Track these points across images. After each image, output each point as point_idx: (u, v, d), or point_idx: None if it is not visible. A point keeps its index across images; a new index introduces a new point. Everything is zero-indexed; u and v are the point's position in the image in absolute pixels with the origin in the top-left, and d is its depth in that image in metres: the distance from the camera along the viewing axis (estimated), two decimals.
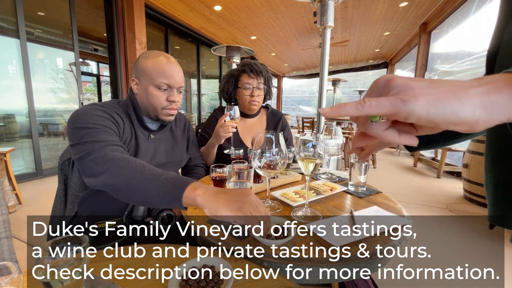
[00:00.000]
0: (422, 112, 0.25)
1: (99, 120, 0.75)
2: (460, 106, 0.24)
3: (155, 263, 0.50)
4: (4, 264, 0.34)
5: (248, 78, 1.25)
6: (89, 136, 0.70)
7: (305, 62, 10.29)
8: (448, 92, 0.25)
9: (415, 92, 0.25)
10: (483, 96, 0.24)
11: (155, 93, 0.86)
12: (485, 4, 3.56)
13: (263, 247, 0.53)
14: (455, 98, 0.24)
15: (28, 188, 2.96)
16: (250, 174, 0.65)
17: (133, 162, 0.65)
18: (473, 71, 3.72)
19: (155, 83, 0.86)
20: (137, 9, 4.12)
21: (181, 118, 1.12)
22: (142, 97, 0.89)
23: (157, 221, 0.77)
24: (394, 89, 0.26)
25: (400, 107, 0.25)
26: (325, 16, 1.57)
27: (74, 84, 3.83)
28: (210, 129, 1.30)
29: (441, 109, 0.24)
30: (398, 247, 0.55)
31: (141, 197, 0.62)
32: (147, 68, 0.86)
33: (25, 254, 1.65)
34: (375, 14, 5.19)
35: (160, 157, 0.95)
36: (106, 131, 0.73)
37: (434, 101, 0.24)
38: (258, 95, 1.27)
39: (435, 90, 0.25)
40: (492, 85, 0.24)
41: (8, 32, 3.09)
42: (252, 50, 2.44)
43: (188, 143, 1.11)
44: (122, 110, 0.88)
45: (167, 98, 0.88)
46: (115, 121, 0.79)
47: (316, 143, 0.65)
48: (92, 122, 0.73)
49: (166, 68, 0.86)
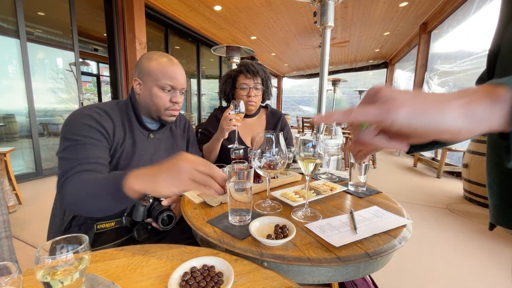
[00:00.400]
0: (403, 121, 0.26)
1: (86, 131, 0.76)
2: (441, 116, 0.25)
3: (155, 263, 0.50)
4: (4, 264, 0.34)
5: (245, 79, 1.26)
6: (69, 152, 0.73)
7: (305, 62, 10.29)
8: (430, 103, 0.26)
9: (399, 103, 0.27)
10: (464, 107, 0.25)
11: (159, 94, 0.87)
12: (485, 4, 3.56)
13: (263, 247, 0.53)
14: (436, 109, 0.25)
15: (28, 188, 2.96)
16: (250, 174, 0.65)
17: (90, 180, 0.68)
18: (473, 71, 3.72)
19: (159, 84, 0.87)
20: (137, 9, 4.12)
21: (181, 118, 1.13)
22: (145, 98, 0.89)
23: (157, 222, 0.77)
24: (381, 99, 0.28)
25: (384, 116, 0.27)
26: (325, 16, 1.57)
27: (74, 84, 3.83)
28: (211, 127, 1.32)
29: (422, 119, 0.26)
30: (398, 247, 0.55)
31: (96, 206, 0.64)
32: (151, 69, 0.87)
33: (25, 254, 1.65)
34: (375, 14, 5.19)
35: (161, 157, 0.95)
36: (86, 145, 0.75)
37: (416, 111, 0.26)
38: (255, 95, 1.28)
39: (419, 101, 0.27)
40: (473, 96, 0.25)
41: (8, 32, 3.10)
42: (252, 50, 2.44)
43: (188, 143, 1.12)
44: (119, 112, 0.88)
45: (171, 99, 0.89)
46: (102, 128, 0.80)
47: (316, 143, 0.65)
48: (77, 134, 0.75)
49: (170, 70, 0.87)
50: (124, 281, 0.45)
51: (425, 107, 0.26)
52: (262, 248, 0.53)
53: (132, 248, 0.56)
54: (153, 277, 0.46)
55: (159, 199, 0.83)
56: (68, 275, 0.36)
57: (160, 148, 0.96)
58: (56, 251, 0.39)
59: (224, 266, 0.47)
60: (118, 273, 0.48)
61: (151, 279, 0.46)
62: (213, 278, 0.44)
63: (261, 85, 1.29)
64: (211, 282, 0.44)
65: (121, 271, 0.48)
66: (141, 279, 0.46)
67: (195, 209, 0.72)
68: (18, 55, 3.14)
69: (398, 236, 0.58)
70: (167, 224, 0.78)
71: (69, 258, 0.37)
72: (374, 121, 0.28)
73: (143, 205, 0.79)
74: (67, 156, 0.73)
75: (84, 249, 0.38)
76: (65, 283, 0.36)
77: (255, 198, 0.82)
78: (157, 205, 0.80)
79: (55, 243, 0.39)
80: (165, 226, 0.77)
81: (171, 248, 0.55)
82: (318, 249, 0.53)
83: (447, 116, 0.25)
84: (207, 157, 1.23)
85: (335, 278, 0.53)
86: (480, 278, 1.48)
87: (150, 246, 0.56)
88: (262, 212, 0.71)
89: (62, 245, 0.40)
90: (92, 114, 0.80)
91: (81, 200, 0.66)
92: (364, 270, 0.55)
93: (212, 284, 0.43)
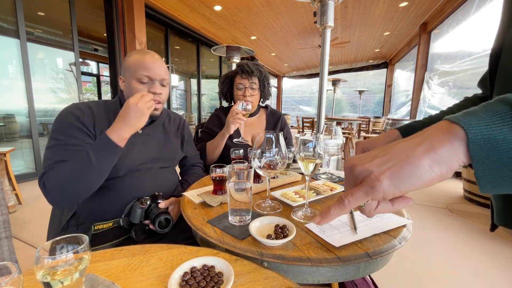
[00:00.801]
0: (391, 189, 0.27)
1: (68, 131, 0.81)
2: (418, 171, 0.26)
3: (155, 263, 0.50)
4: (4, 264, 0.34)
5: (241, 79, 1.29)
6: (51, 152, 0.79)
7: (305, 62, 10.29)
8: (401, 161, 0.26)
9: (376, 175, 0.27)
10: (430, 153, 0.25)
11: (137, 86, 0.89)
12: (485, 4, 3.57)
13: (263, 247, 0.53)
14: (409, 166, 0.26)
15: (28, 188, 2.96)
16: (250, 174, 0.64)
17: (65, 164, 0.75)
18: (473, 71, 3.72)
19: (136, 77, 0.89)
20: (137, 9, 4.12)
21: (175, 117, 1.14)
22: (127, 93, 0.92)
23: (154, 225, 0.77)
24: (360, 176, 0.29)
25: (372, 194, 0.27)
26: (325, 16, 1.57)
27: (74, 84, 3.83)
28: (213, 125, 1.34)
29: (404, 180, 0.26)
30: (398, 247, 0.55)
31: (81, 182, 0.74)
32: (129, 64, 0.90)
33: (25, 254, 1.65)
34: (375, 14, 5.19)
35: (151, 152, 0.96)
36: (68, 146, 0.79)
37: (395, 175, 0.26)
38: (251, 95, 1.29)
39: (390, 163, 0.27)
40: (434, 138, 0.26)
41: (8, 32, 3.10)
42: (252, 50, 2.44)
43: (183, 141, 1.12)
44: (105, 109, 0.91)
45: (149, 90, 0.90)
46: (82, 125, 0.83)
47: (316, 143, 0.65)
48: (61, 133, 0.80)
49: (146, 61, 0.89)
50: (124, 281, 0.45)
51: (398, 167, 0.26)
52: (262, 248, 0.53)
53: (132, 248, 0.55)
54: (153, 277, 0.46)
55: (156, 201, 0.83)
56: (68, 275, 0.36)
57: (150, 142, 0.97)
58: (56, 251, 0.39)
59: (224, 266, 0.47)
60: (118, 273, 0.48)
61: (151, 279, 0.46)
62: (213, 278, 0.44)
63: (257, 85, 1.31)
64: (211, 282, 0.44)
65: (121, 271, 0.48)
66: (141, 279, 0.46)
67: (195, 209, 0.72)
68: (18, 55, 3.14)
69: (398, 236, 0.58)
70: (164, 227, 0.78)
71: (69, 258, 0.37)
72: (367, 200, 0.29)
73: (140, 207, 0.79)
74: (49, 156, 0.78)
75: (84, 249, 0.38)
76: (65, 283, 0.36)
77: (255, 198, 0.82)
78: (154, 208, 0.81)
79: (55, 243, 0.39)
80: (162, 229, 0.78)
81: (171, 248, 0.55)
82: (318, 249, 0.53)
83: (422, 169, 0.25)
84: (211, 152, 1.24)
85: (335, 278, 0.53)
86: (480, 278, 1.48)
87: (150, 246, 0.56)
88: (262, 212, 0.71)
89: (62, 245, 0.40)
90: (74, 111, 0.84)
91: (64, 183, 0.72)
92: (364, 270, 0.55)
93: (212, 284, 0.43)
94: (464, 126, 0.24)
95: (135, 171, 0.90)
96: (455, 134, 0.25)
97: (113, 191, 0.86)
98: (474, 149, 0.24)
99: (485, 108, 0.25)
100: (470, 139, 0.24)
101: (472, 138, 0.24)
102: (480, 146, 0.23)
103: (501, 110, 0.23)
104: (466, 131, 0.24)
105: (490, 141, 0.23)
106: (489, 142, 0.23)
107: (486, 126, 0.23)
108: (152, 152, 0.96)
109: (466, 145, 0.24)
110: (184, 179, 1.08)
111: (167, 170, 1.01)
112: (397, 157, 0.27)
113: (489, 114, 0.24)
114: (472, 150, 0.24)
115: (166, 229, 0.78)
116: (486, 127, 0.23)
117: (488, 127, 0.23)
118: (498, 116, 0.23)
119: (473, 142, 0.24)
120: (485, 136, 0.23)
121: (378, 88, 11.28)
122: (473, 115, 0.25)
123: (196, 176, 1.11)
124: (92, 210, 0.87)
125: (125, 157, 0.87)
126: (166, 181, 0.98)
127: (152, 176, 0.93)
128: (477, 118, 0.24)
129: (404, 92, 8.05)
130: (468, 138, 0.24)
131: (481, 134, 0.23)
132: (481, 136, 0.23)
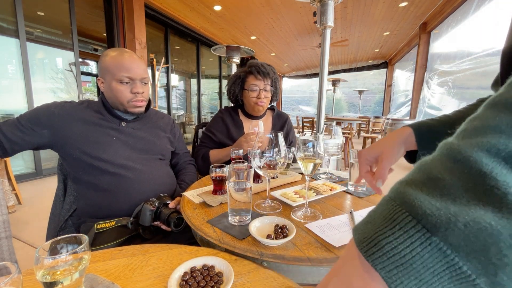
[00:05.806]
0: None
1: (29, 118, 0.92)
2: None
3: (155, 263, 0.50)
4: (4, 264, 0.34)
5: (255, 80, 1.23)
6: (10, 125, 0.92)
7: (305, 62, 10.29)
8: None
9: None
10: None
11: (119, 88, 0.90)
12: (485, 4, 3.57)
13: (263, 247, 0.53)
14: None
15: (28, 188, 2.95)
16: (250, 174, 0.65)
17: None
18: (473, 71, 3.72)
19: (116, 78, 0.90)
20: (137, 9, 4.12)
21: (164, 116, 1.15)
22: (109, 94, 0.93)
23: (170, 225, 0.78)
24: None
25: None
26: (325, 16, 1.57)
27: (74, 84, 3.83)
28: (216, 129, 1.29)
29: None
30: None
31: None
32: (107, 65, 0.90)
33: (25, 254, 1.64)
34: (375, 14, 5.19)
35: (138, 143, 0.97)
36: (18, 126, 0.91)
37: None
38: (265, 97, 1.25)
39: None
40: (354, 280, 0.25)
41: (8, 32, 3.09)
42: (252, 50, 2.44)
43: (174, 138, 1.12)
44: (85, 108, 0.94)
45: (131, 90, 0.92)
46: (35, 126, 0.90)
47: (316, 143, 0.65)
48: (24, 118, 0.93)
49: (125, 62, 0.90)
50: (124, 281, 0.45)
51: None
52: (262, 248, 0.53)
53: (132, 248, 0.56)
54: (153, 277, 0.46)
55: (165, 202, 0.83)
56: (67, 275, 0.36)
57: (136, 135, 0.98)
58: (56, 251, 0.39)
59: (224, 266, 0.47)
60: (118, 273, 0.48)
61: (151, 279, 0.46)
62: (213, 278, 0.44)
63: (270, 87, 1.27)
64: (211, 282, 0.44)
65: (121, 271, 0.48)
66: (141, 279, 0.46)
67: (195, 209, 0.72)
68: (18, 55, 3.14)
69: None
70: (177, 226, 0.79)
71: (69, 258, 0.37)
72: None
73: (150, 210, 0.79)
74: (9, 129, 0.91)
75: (84, 249, 0.38)
76: (65, 283, 0.36)
77: (255, 198, 0.82)
78: (164, 209, 0.81)
79: (55, 243, 0.39)
80: (177, 228, 0.78)
81: (171, 248, 0.55)
82: (318, 249, 0.53)
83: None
84: (214, 162, 1.20)
85: None
86: None
87: (150, 246, 0.56)
88: (262, 212, 0.71)
89: (61, 245, 0.40)
90: (54, 109, 0.90)
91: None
92: None
93: (212, 284, 0.43)
94: (379, 270, 0.22)
95: (127, 166, 0.90)
96: (372, 277, 0.23)
97: (111, 187, 0.87)
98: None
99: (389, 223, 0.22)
100: (383, 277, 0.22)
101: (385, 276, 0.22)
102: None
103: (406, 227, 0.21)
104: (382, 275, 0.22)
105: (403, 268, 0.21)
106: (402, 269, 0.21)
107: (399, 259, 0.21)
108: (139, 144, 0.97)
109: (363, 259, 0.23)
110: (181, 179, 1.08)
111: (160, 164, 1.01)
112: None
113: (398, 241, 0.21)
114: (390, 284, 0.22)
115: (180, 227, 0.79)
116: (399, 259, 0.21)
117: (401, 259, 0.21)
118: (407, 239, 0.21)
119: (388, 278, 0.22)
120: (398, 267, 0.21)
121: (377, 88, 11.28)
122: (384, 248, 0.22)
123: (191, 174, 1.11)
124: (93, 209, 0.87)
125: (109, 146, 0.89)
126: (161, 173, 0.99)
127: (147, 171, 0.94)
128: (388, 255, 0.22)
129: (403, 92, 8.05)
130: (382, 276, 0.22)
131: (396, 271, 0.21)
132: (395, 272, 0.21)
